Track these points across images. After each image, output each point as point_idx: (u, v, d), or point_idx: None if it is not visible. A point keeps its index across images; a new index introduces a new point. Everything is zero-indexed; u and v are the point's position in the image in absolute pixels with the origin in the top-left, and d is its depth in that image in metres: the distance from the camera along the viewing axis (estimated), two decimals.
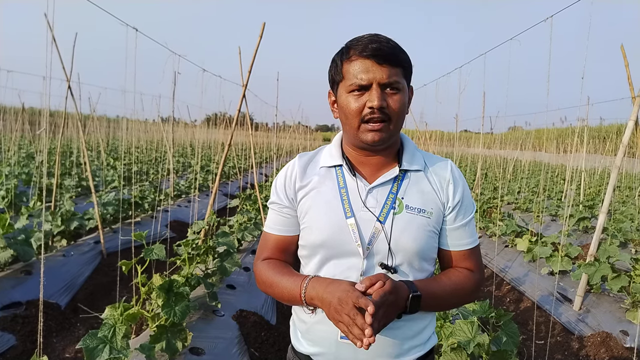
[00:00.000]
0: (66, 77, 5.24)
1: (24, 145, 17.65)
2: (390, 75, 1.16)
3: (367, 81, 1.16)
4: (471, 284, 1.28)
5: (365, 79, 1.16)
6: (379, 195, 1.24)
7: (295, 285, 1.20)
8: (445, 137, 23.70)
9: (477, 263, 1.32)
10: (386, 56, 1.16)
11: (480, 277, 1.32)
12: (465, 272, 1.29)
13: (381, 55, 1.16)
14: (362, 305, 1.03)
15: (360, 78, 1.17)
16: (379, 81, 1.16)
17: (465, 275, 1.28)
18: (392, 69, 1.17)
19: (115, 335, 2.28)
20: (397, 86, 1.18)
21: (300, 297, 1.18)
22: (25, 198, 7.05)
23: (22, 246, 4.19)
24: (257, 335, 3.59)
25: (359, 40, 1.20)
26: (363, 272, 1.20)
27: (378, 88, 1.16)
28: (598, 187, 13.20)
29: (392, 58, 1.17)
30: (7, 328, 3.48)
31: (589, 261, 4.25)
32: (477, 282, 1.31)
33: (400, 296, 1.12)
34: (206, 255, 3.77)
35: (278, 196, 1.33)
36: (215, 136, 19.66)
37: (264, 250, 1.37)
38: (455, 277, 1.27)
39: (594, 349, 3.79)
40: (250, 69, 4.44)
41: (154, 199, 7.68)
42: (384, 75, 1.16)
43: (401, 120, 1.22)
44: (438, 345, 2.81)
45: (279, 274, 1.27)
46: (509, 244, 6.68)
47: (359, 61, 1.17)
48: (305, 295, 1.17)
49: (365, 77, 1.16)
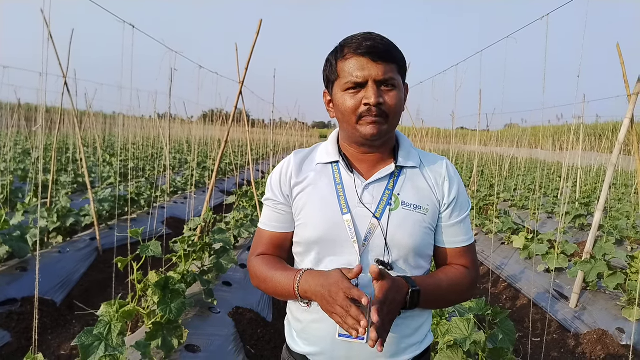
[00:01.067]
0: (62, 73, 5.20)
1: (20, 142, 17.57)
2: (385, 72, 1.16)
3: (363, 78, 1.16)
4: (467, 281, 1.28)
5: (360, 77, 1.16)
6: (375, 192, 1.24)
7: (288, 279, 1.20)
8: (442, 135, 23.72)
9: (473, 260, 1.32)
10: (381, 53, 1.16)
11: (476, 275, 1.32)
12: (461, 269, 1.29)
13: (376, 52, 1.15)
14: (355, 297, 1.03)
15: (356, 76, 1.16)
16: (375, 78, 1.16)
17: (462, 272, 1.28)
18: (387, 65, 1.17)
19: (111, 333, 2.27)
20: (393, 82, 1.18)
21: (294, 291, 1.17)
22: (21, 194, 7.03)
23: (18, 242, 4.17)
24: (253, 333, 3.59)
25: (353, 38, 1.19)
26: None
27: (374, 85, 1.16)
28: (594, 185, 13.26)
29: (386, 55, 1.17)
30: (2, 325, 3.46)
31: (585, 259, 4.27)
32: (473, 279, 1.31)
33: (400, 291, 1.12)
34: (202, 252, 3.76)
35: (273, 192, 1.32)
36: (212, 133, 19.61)
37: (258, 247, 1.36)
38: (452, 273, 1.27)
39: (590, 347, 3.81)
40: (247, 65, 4.42)
41: (150, 196, 7.66)
42: (380, 72, 1.16)
43: (398, 117, 1.22)
44: (434, 343, 2.82)
45: (273, 269, 1.26)
46: (505, 241, 6.69)
47: (354, 59, 1.17)
48: (299, 289, 1.17)
49: (361, 75, 1.16)
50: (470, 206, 1.35)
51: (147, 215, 6.90)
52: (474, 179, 10.57)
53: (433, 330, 2.68)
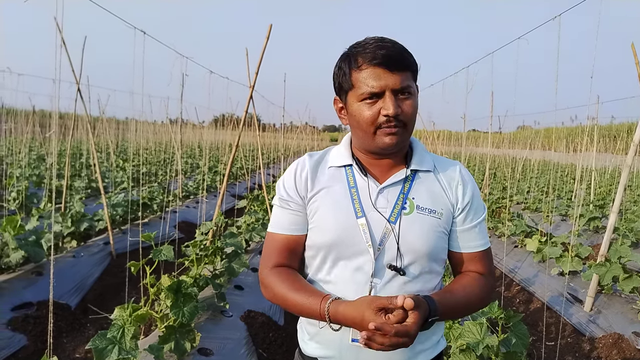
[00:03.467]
0: (75, 79, 5.28)
1: (35, 147, 17.83)
2: (402, 81, 1.15)
3: (380, 89, 1.15)
4: (485, 291, 1.27)
5: (377, 87, 1.15)
6: (389, 196, 1.23)
7: (313, 305, 1.17)
8: (453, 137, 23.58)
9: (489, 266, 1.30)
10: (396, 62, 1.15)
11: (492, 282, 1.30)
12: (478, 277, 1.27)
13: (391, 62, 1.14)
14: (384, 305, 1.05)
15: (372, 86, 1.15)
16: (392, 87, 1.15)
17: (478, 280, 1.26)
18: (403, 74, 1.16)
19: (124, 336, 2.29)
20: (409, 90, 1.17)
21: (325, 319, 1.15)
22: (36, 199, 7.12)
23: (33, 247, 4.23)
24: (265, 336, 3.59)
25: (365, 47, 1.17)
26: (373, 273, 1.19)
27: (392, 95, 1.15)
28: (608, 187, 13.07)
29: (401, 63, 1.15)
30: (18, 328, 3.51)
31: (599, 261, 4.21)
32: (490, 286, 1.29)
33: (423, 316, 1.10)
34: (214, 256, 3.78)
35: (287, 193, 1.29)
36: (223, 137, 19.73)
37: (272, 255, 1.29)
38: (470, 286, 1.24)
39: (605, 351, 3.75)
40: (258, 70, 4.45)
41: (163, 200, 7.72)
42: (397, 82, 1.15)
43: (414, 124, 1.22)
44: (447, 347, 2.80)
45: (293, 289, 1.21)
46: (519, 244, 6.63)
47: (370, 69, 1.15)
48: (329, 318, 1.14)
49: (377, 85, 1.15)
50: (486, 210, 1.33)
51: (159, 219, 6.95)
52: (486, 181, 10.49)
53: (445, 334, 2.66)
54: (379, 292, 1.19)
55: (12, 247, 4.12)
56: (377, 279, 1.19)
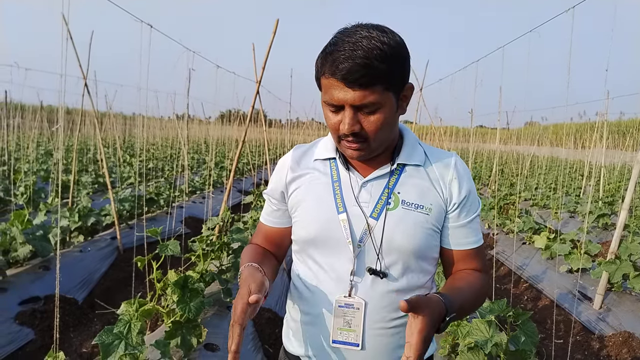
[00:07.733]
0: (82, 75, 5.29)
1: (43, 143, 17.94)
2: (363, 97, 1.03)
3: (338, 102, 1.05)
4: (485, 288, 1.22)
5: (336, 100, 1.05)
6: (373, 190, 1.17)
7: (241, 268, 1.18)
8: (461, 133, 23.46)
9: (484, 263, 1.25)
10: (358, 79, 1.01)
11: (488, 278, 1.26)
12: (477, 274, 1.21)
13: (352, 78, 1.01)
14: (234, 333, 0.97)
15: (331, 98, 1.06)
16: (351, 103, 1.04)
17: (478, 277, 1.21)
18: (366, 90, 1.03)
19: (131, 331, 2.29)
20: (372, 108, 1.05)
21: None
22: (44, 194, 7.16)
23: (40, 242, 4.24)
24: (271, 332, 3.59)
25: (335, 53, 1.03)
26: (353, 271, 1.14)
27: (350, 110, 1.05)
28: (618, 183, 12.94)
29: (364, 79, 1.01)
30: (25, 322, 3.53)
31: (609, 259, 4.16)
32: (487, 284, 1.24)
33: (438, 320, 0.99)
34: (220, 252, 3.77)
35: (270, 188, 1.31)
36: (229, 133, 19.74)
37: (255, 237, 1.38)
38: (474, 282, 1.18)
39: (615, 349, 3.71)
40: (264, 65, 4.42)
41: (169, 195, 7.74)
42: (356, 99, 1.03)
43: (383, 134, 1.11)
44: (454, 344, 2.77)
45: (247, 257, 1.23)
46: (527, 241, 6.58)
47: (331, 80, 1.05)
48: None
49: (336, 99, 1.05)
50: (481, 205, 1.25)
51: (166, 214, 6.97)
52: (494, 177, 10.42)
53: (453, 331, 2.64)
54: (360, 291, 1.14)
55: (19, 241, 4.14)
56: (357, 277, 1.14)
